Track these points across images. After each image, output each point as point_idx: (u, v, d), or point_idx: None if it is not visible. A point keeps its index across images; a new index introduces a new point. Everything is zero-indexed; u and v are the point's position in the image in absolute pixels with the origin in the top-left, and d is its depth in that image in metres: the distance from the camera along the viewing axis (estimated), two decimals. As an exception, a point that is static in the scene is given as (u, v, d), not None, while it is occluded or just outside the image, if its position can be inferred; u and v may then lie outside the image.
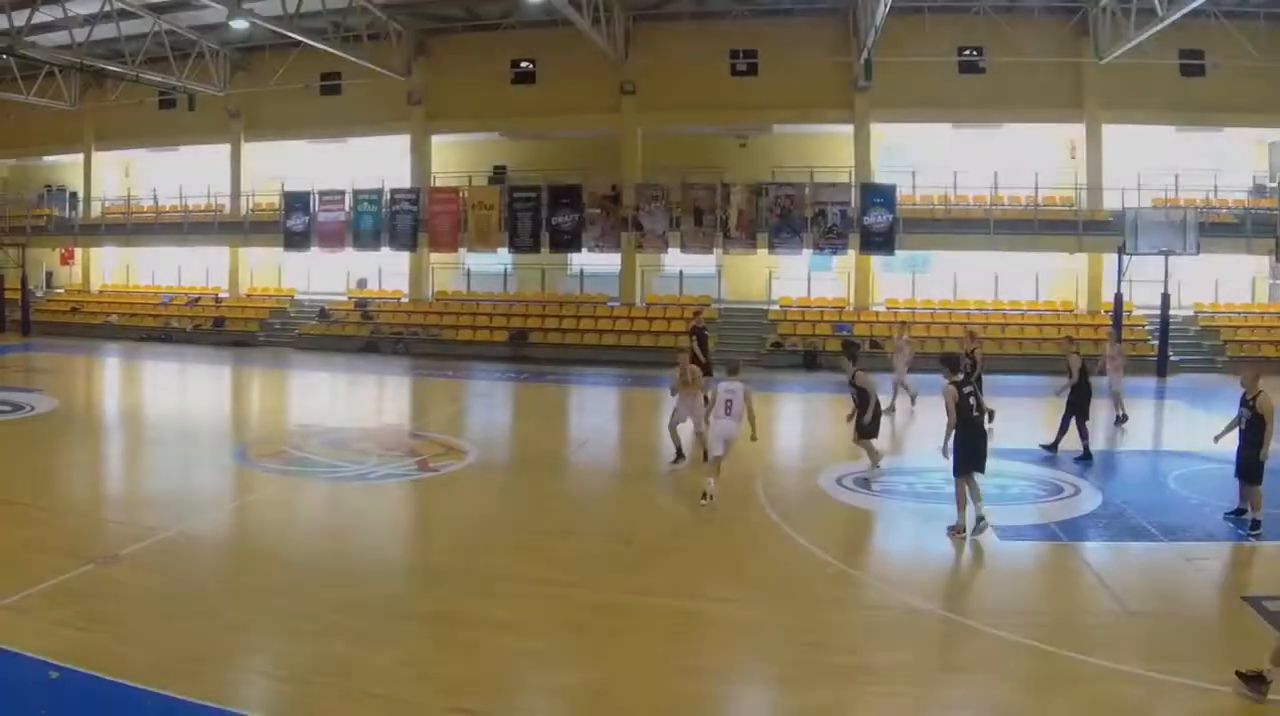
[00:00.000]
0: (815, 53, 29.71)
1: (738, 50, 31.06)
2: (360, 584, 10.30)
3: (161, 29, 31.50)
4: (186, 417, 21.89)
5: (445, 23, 33.41)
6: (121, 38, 30.16)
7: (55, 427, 19.94)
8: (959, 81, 29.21)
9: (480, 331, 32.00)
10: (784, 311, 30.98)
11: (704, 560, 11.18)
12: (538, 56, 32.86)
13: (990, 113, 29.27)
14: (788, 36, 29.99)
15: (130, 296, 39.52)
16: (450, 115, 34.15)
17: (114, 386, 28.81)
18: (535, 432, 20.84)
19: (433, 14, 32.85)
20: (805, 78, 30.01)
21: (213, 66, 35.04)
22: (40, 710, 7.38)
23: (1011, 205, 29.42)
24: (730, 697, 8.00)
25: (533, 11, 29.88)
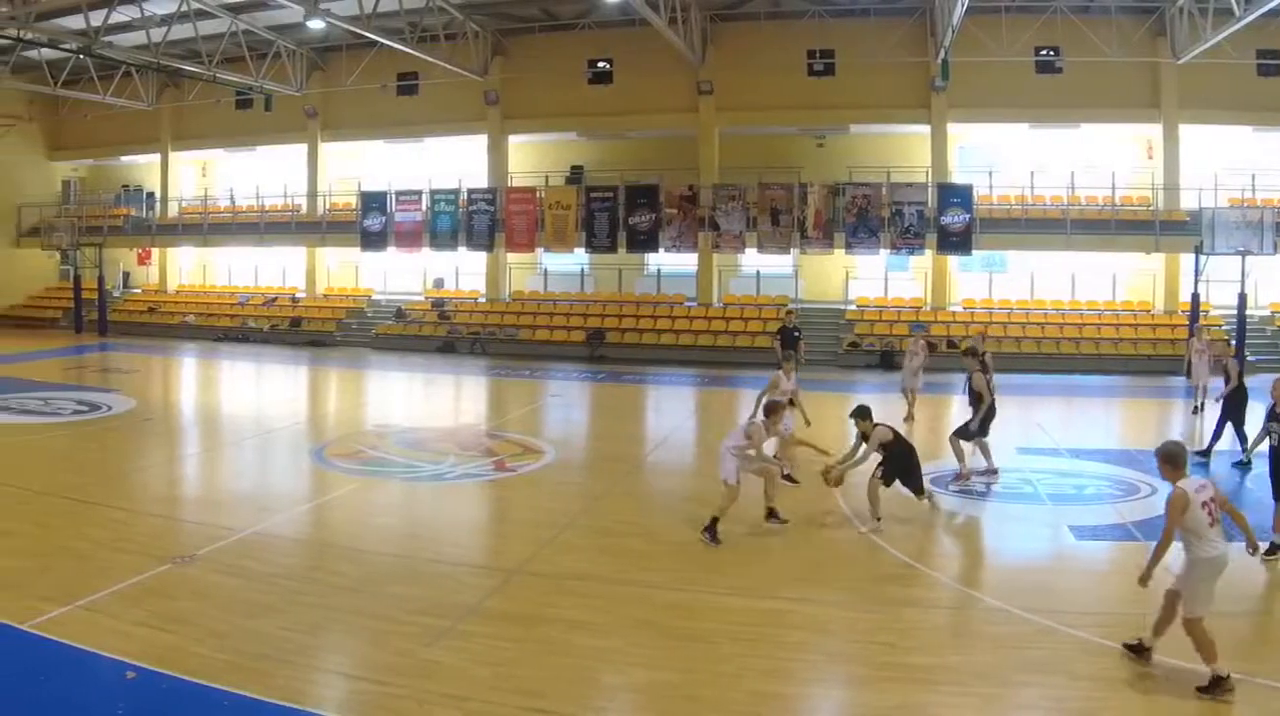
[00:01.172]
0: (892, 53, 32.35)
1: (815, 50, 33.99)
2: (436, 584, 11.01)
3: (238, 29, 34.79)
4: (263, 417, 23.37)
5: (522, 22, 36.66)
6: (198, 38, 33.13)
7: (132, 428, 21.24)
8: (1036, 81, 31.88)
9: (557, 331, 35.26)
10: (861, 311, 33.97)
11: (781, 560, 11.93)
12: (615, 56, 36.07)
13: (1067, 113, 31.92)
14: (865, 36, 32.75)
15: (207, 296, 43.60)
16: (527, 115, 37.54)
17: (191, 386, 30.88)
18: (612, 432, 22.16)
19: (510, 14, 36.03)
20: (882, 78, 32.83)
21: (290, 66, 38.61)
22: (117, 710, 7.87)
23: (1089, 205, 32.21)
24: (806, 697, 8.57)
25: (610, 11, 32.81)
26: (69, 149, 47.11)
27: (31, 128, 46.07)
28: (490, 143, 38.13)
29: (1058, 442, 19.02)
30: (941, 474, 15.73)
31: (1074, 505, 12.88)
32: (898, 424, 16.46)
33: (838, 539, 12.80)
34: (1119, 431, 21.33)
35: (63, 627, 9.49)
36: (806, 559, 11.99)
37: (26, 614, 9.75)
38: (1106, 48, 30.20)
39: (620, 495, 15.03)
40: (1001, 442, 17.41)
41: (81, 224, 43.78)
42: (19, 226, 45.91)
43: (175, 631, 9.46)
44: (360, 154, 41.63)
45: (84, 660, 8.82)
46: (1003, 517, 13.85)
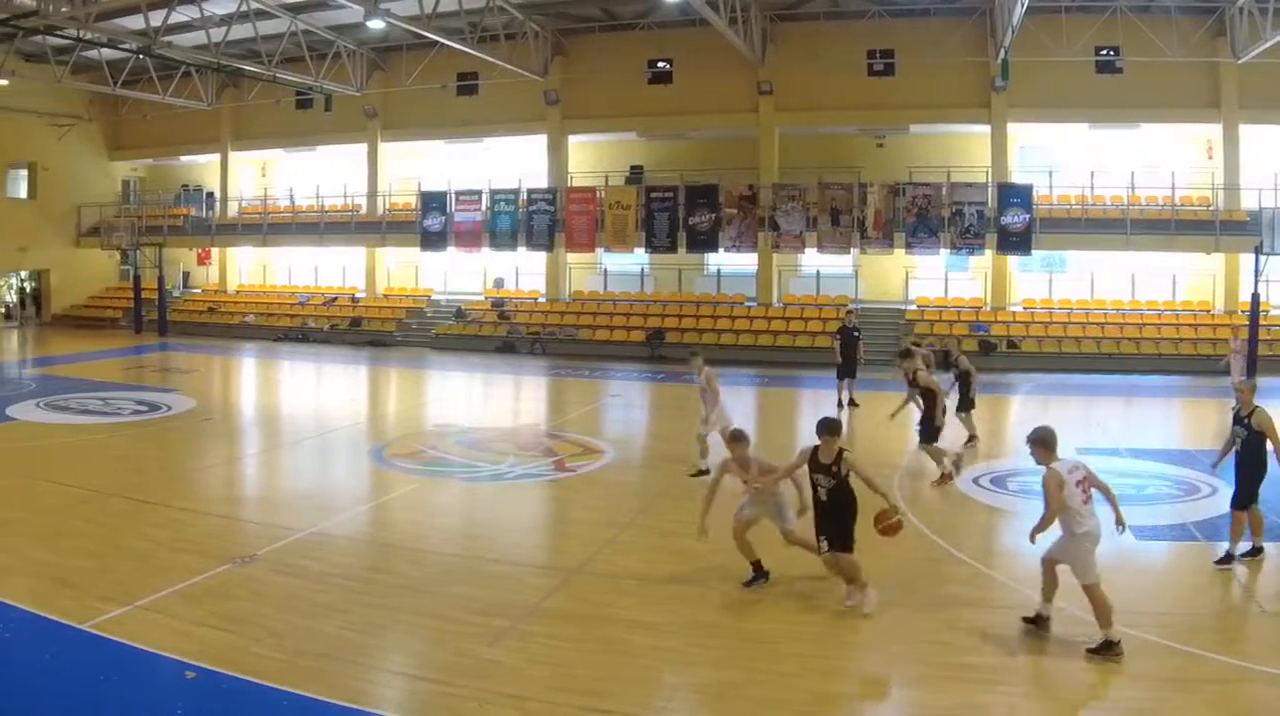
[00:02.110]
0: (952, 53, 34.86)
1: (875, 50, 36.65)
2: (497, 584, 11.71)
3: (298, 29, 37.14)
4: (323, 417, 24.79)
5: (582, 22, 39.58)
6: (258, 38, 35.37)
7: (192, 428, 22.41)
8: (1095, 81, 34.32)
9: (617, 331, 38.20)
10: (921, 311, 36.71)
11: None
12: (675, 56, 38.93)
13: (1127, 113, 34.37)
14: (925, 36, 35.36)
15: (266, 296, 47.15)
16: (587, 115, 40.66)
17: (250, 386, 32.80)
18: (672, 433, 22.79)
19: (570, 14, 38.89)
20: (942, 78, 35.41)
21: (349, 66, 41.52)
22: (176, 709, 8.35)
23: (1148, 205, 34.64)
24: (865, 697, 9.21)
25: (670, 11, 35.60)
26: (129, 149, 50.95)
27: (91, 128, 49.71)
28: (550, 143, 41.21)
29: (1117, 442, 20.14)
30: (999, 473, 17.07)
31: (1133, 505, 13.25)
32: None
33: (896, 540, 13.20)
34: (1178, 431, 22.62)
35: (122, 627, 10.13)
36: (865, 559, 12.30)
37: (86, 613, 10.42)
38: (1166, 48, 32.39)
39: (679, 495, 15.60)
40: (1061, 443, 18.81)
41: (141, 224, 47.39)
42: (79, 226, 49.70)
43: (235, 631, 10.09)
44: (420, 154, 45.05)
45: (143, 660, 9.42)
46: None
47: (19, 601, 10.82)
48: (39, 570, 11.95)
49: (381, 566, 12.54)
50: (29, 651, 9.78)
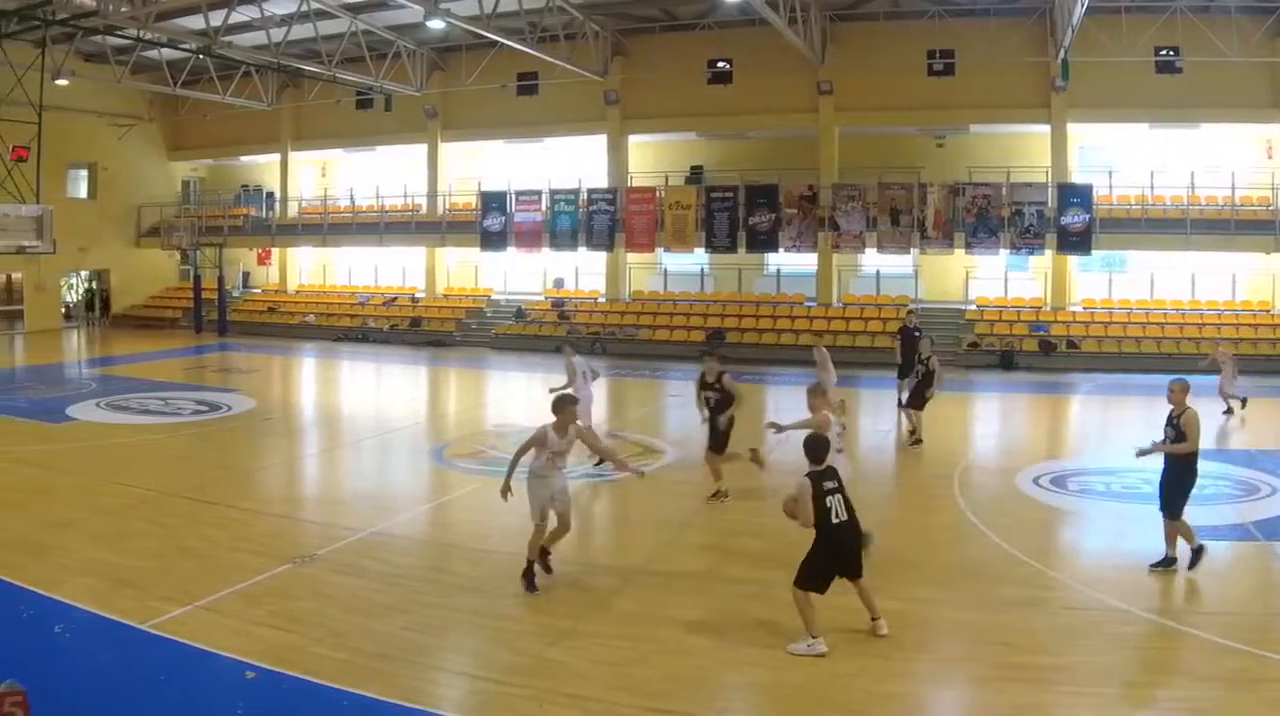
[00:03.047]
0: (1012, 53, 37.28)
1: (934, 50, 39.35)
2: (556, 584, 12.40)
3: (358, 29, 39.59)
4: (383, 417, 26.14)
5: (642, 22, 42.51)
6: (318, 38, 38.04)
7: (252, 428, 23.66)
8: (1155, 81, 36.75)
9: (677, 331, 41.06)
10: (980, 311, 39.38)
11: (900, 560, 13.26)
12: (734, 56, 41.83)
13: (1187, 113, 36.77)
14: (985, 36, 37.75)
15: (326, 296, 50.80)
16: (647, 115, 43.72)
17: (310, 386, 34.69)
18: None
19: (630, 14, 41.76)
20: (1002, 78, 37.94)
21: (409, 66, 44.70)
22: (237, 709, 8.94)
23: (1208, 205, 37.12)
24: (923, 697, 9.65)
25: (730, 11, 38.20)
26: (189, 149, 54.93)
27: (151, 128, 53.79)
28: (610, 143, 44.33)
29: None
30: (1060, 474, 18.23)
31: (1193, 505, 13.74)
32: None
33: (955, 539, 14.43)
34: (1239, 432, 23.59)
35: (182, 627, 10.73)
36: (924, 559, 13.49)
37: (146, 613, 11.06)
38: (1226, 47, 34.64)
39: (740, 495, 16.45)
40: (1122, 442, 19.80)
41: (201, 224, 51.15)
42: (139, 227, 53.78)
43: (295, 631, 10.67)
44: (480, 154, 48.60)
45: (203, 660, 9.96)
46: (1122, 517, 15.35)
47: (80, 601, 11.61)
48: (100, 570, 12.80)
49: (442, 566, 13.41)
50: (90, 651, 10.48)
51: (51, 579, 12.36)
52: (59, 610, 11.36)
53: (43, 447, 20.86)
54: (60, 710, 8.78)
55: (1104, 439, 23.78)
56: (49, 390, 29.18)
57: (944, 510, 16.01)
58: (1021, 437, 24.27)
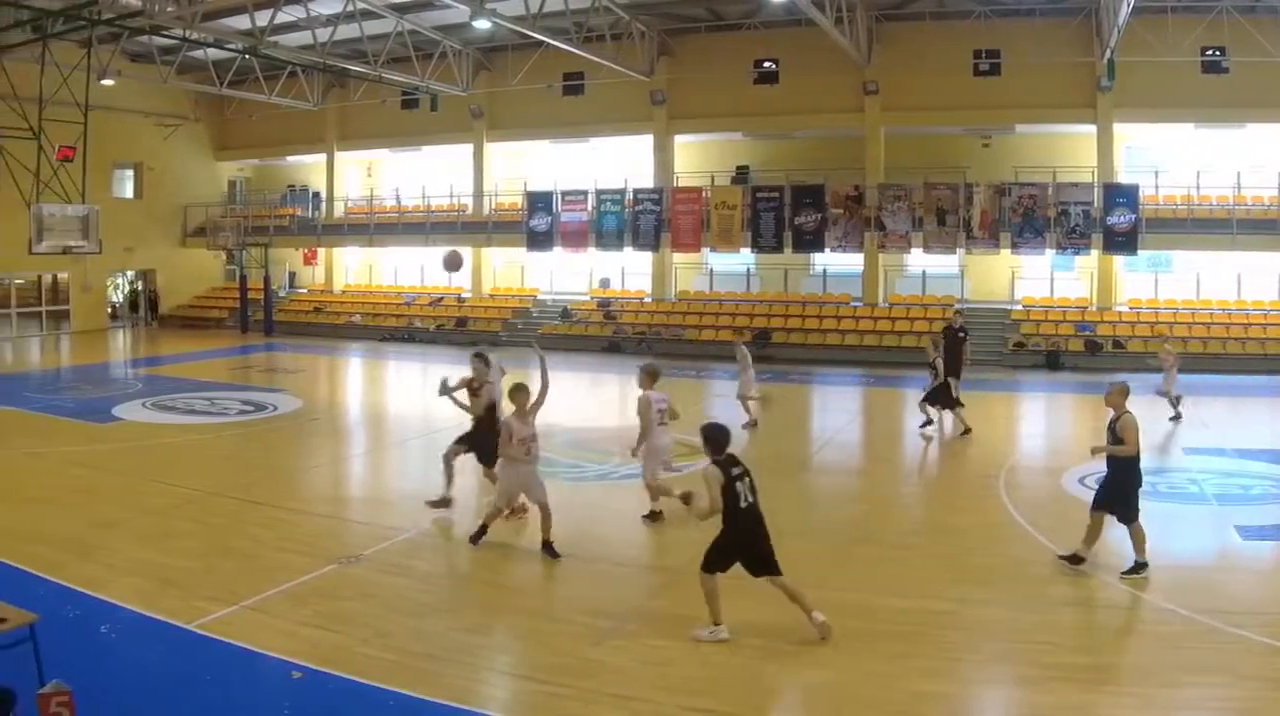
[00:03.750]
0: (1058, 53, 39.23)
1: (980, 50, 41.24)
2: (601, 583, 13.01)
3: (404, 29, 41.46)
4: (429, 417, 26.23)
5: (688, 22, 44.59)
6: (364, 38, 39.95)
7: (297, 428, 24.57)
8: (1201, 81, 38.43)
9: (723, 331, 42.70)
10: (1027, 311, 41.32)
11: (944, 559, 13.90)
12: (780, 56, 43.92)
13: (1233, 112, 38.47)
14: (1030, 36, 39.71)
15: (373, 296, 53.42)
16: (693, 115, 45.94)
17: (356, 386, 35.92)
18: (777, 433, 24.90)
19: (676, 14, 43.83)
20: (1048, 78, 39.75)
21: (455, 66, 47.01)
22: (283, 710, 9.32)
23: (1254, 205, 38.91)
24: (967, 697, 10.07)
25: (776, 11, 39.93)
26: (234, 149, 57.85)
27: (197, 128, 56.64)
28: (656, 143, 46.61)
29: (1224, 442, 22.08)
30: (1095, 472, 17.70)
31: (1240, 505, 14.32)
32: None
33: (1001, 539, 14.98)
34: None
35: (228, 627, 11.21)
36: (970, 558, 14.02)
37: (192, 613, 11.56)
38: (1273, 48, 36.27)
39: (785, 495, 16.60)
40: (1168, 442, 21.82)
41: (247, 224, 53.86)
42: (185, 227, 56.65)
43: (341, 631, 11.13)
44: (526, 154, 51.08)
45: (249, 660, 10.39)
46: (1168, 517, 15.70)
47: (126, 601, 12.08)
48: (145, 570, 13.34)
49: (487, 566, 13.95)
50: (136, 651, 10.92)
51: (97, 578, 12.97)
52: (105, 610, 11.93)
53: (89, 448, 21.83)
54: (106, 710, 9.25)
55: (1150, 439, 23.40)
56: (95, 390, 30.42)
57: (990, 510, 16.64)
58: (1067, 438, 24.98)
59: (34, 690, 8.19)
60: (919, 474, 20.97)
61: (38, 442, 22.62)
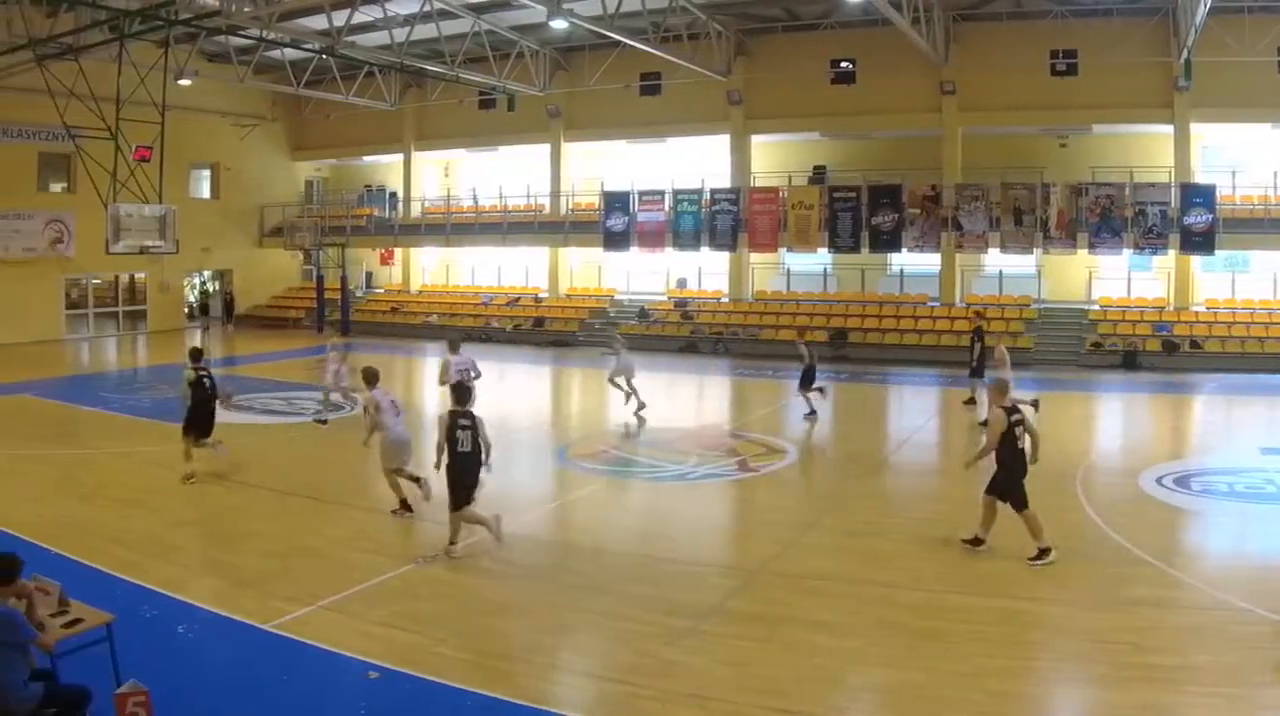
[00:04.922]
0: (1135, 53, 41.89)
1: (1057, 50, 43.94)
2: (679, 584, 13.63)
3: (481, 29, 44.32)
4: (506, 417, 27.24)
5: (765, 22, 47.54)
6: (441, 38, 42.21)
7: None
8: (1278, 81, 40.69)
9: (800, 331, 44.22)
10: (1104, 311, 44.02)
11: (1022, 559, 14.37)
12: (857, 56, 46.89)
13: (1310, 112, 41.10)
14: (1107, 37, 42.52)
15: (450, 296, 57.24)
16: (770, 115, 49.23)
17: (433, 386, 34.20)
18: (855, 432, 26.61)
19: (753, 14, 46.44)
20: (1125, 78, 42.40)
21: (532, 66, 49.98)
22: (359, 709, 9.94)
23: (1332, 205, 40.87)
24: (1046, 697, 10.59)
25: (852, 11, 42.04)
26: (311, 149, 62.28)
27: (274, 128, 61.01)
28: (733, 143, 49.84)
29: None
30: (1182, 474, 19.73)
31: None
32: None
33: (1079, 539, 15.44)
34: None
35: (305, 627, 11.81)
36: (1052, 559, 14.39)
37: (269, 613, 12.21)
38: (1351, 47, 39.05)
39: (862, 495, 18.07)
40: (1244, 443, 22.91)
41: (324, 224, 57.67)
42: (262, 227, 60.98)
43: (417, 631, 11.71)
44: (603, 153, 54.66)
45: (326, 660, 10.94)
46: (1246, 517, 16.62)
47: (203, 602, 12.78)
48: (223, 571, 14.15)
49: (564, 566, 14.63)
50: (212, 651, 11.58)
51: (175, 578, 13.74)
52: (182, 610, 12.63)
53: (165, 448, 22.43)
54: (182, 710, 9.73)
55: (1227, 439, 26.05)
56: (172, 390, 30.08)
57: (1068, 509, 17.18)
58: (1144, 438, 26.39)
59: (110, 690, 8.99)
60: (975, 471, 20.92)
61: (120, 443, 24.34)
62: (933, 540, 15.69)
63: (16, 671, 8.72)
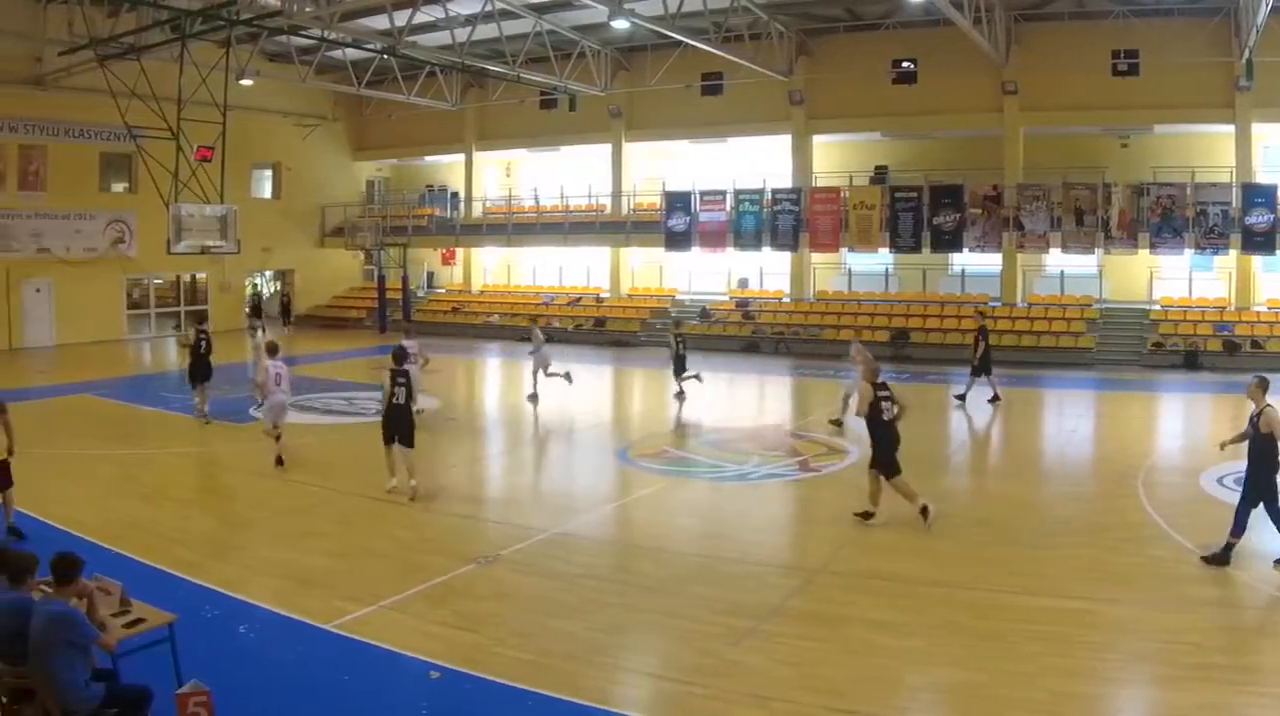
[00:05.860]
0: (1196, 53, 43.66)
1: (1119, 50, 45.93)
2: (740, 584, 14.04)
3: (543, 29, 46.07)
4: (567, 417, 29.04)
5: (826, 22, 49.49)
6: (503, 38, 44.05)
7: (435, 427, 25.89)
8: (1340, 81, 43.09)
9: (861, 332, 45.26)
10: (1165, 311, 45.83)
11: (1083, 559, 14.87)
12: (919, 56, 48.97)
13: (1372, 112, 43.08)
14: (1168, 36, 44.36)
15: (511, 296, 59.95)
16: (831, 115, 51.55)
17: (494, 386, 38.94)
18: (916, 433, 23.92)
19: (814, 14, 48.19)
20: (1186, 78, 44.14)
21: (594, 66, 51.74)
22: (420, 709, 10.35)
23: (1395, 204, 42.64)
24: (1108, 697, 10.88)
25: (914, 11, 43.95)
26: (373, 149, 65.33)
27: (336, 128, 64.07)
28: (794, 143, 52.23)
29: None
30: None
31: None
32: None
33: (1140, 539, 15.87)
34: None
35: (366, 627, 12.26)
36: (1110, 558, 14.96)
37: (331, 613, 12.66)
38: None
39: (923, 495, 17.54)
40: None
41: (386, 224, 60.49)
42: (323, 227, 64.12)
43: (479, 631, 12.14)
44: (664, 153, 57.30)
45: (387, 659, 11.37)
46: None
47: (265, 601, 13.24)
48: (283, 570, 14.63)
49: (625, 566, 15.18)
50: (275, 651, 11.94)
51: (236, 578, 14.27)
52: (243, 610, 13.13)
53: (227, 447, 24.12)
54: (244, 710, 10.09)
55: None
56: (233, 390, 32.61)
57: (1129, 510, 17.79)
58: (1205, 438, 25.95)
59: (171, 690, 9.22)
60: (1057, 474, 22.46)
61: (181, 443, 25.44)
62: (992, 540, 16.42)
63: (78, 671, 9.04)
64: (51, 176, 49.09)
